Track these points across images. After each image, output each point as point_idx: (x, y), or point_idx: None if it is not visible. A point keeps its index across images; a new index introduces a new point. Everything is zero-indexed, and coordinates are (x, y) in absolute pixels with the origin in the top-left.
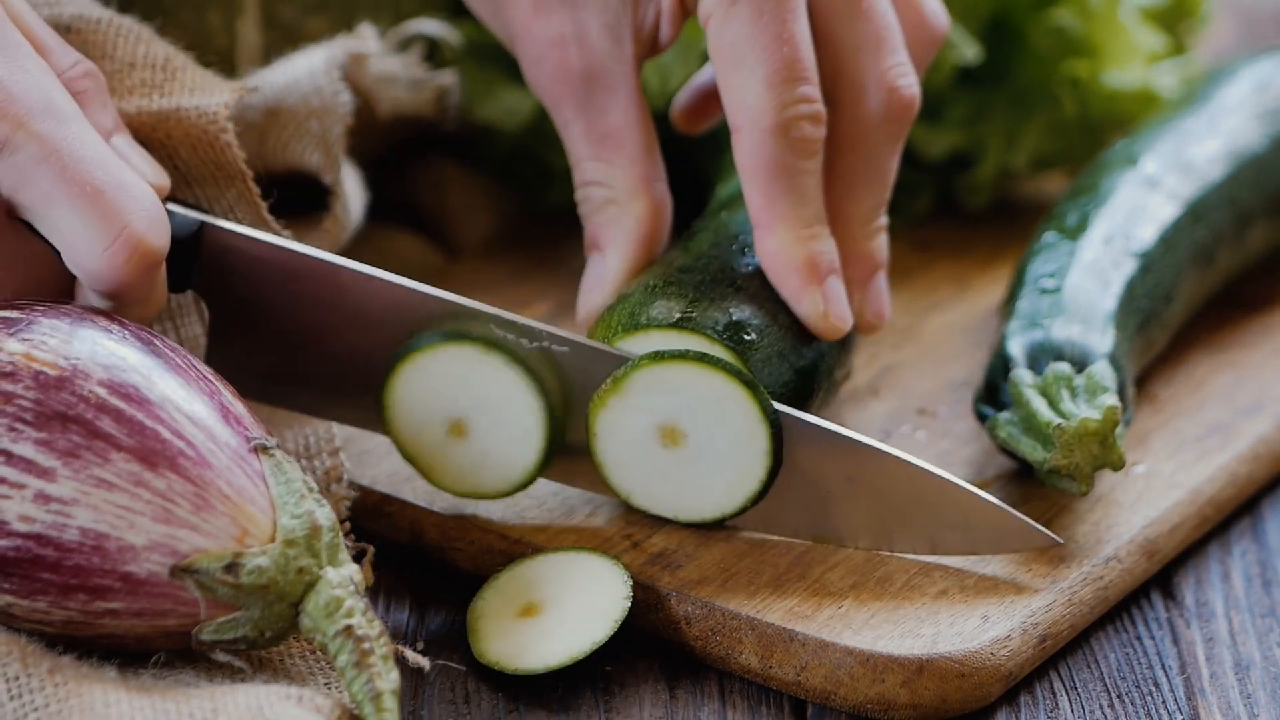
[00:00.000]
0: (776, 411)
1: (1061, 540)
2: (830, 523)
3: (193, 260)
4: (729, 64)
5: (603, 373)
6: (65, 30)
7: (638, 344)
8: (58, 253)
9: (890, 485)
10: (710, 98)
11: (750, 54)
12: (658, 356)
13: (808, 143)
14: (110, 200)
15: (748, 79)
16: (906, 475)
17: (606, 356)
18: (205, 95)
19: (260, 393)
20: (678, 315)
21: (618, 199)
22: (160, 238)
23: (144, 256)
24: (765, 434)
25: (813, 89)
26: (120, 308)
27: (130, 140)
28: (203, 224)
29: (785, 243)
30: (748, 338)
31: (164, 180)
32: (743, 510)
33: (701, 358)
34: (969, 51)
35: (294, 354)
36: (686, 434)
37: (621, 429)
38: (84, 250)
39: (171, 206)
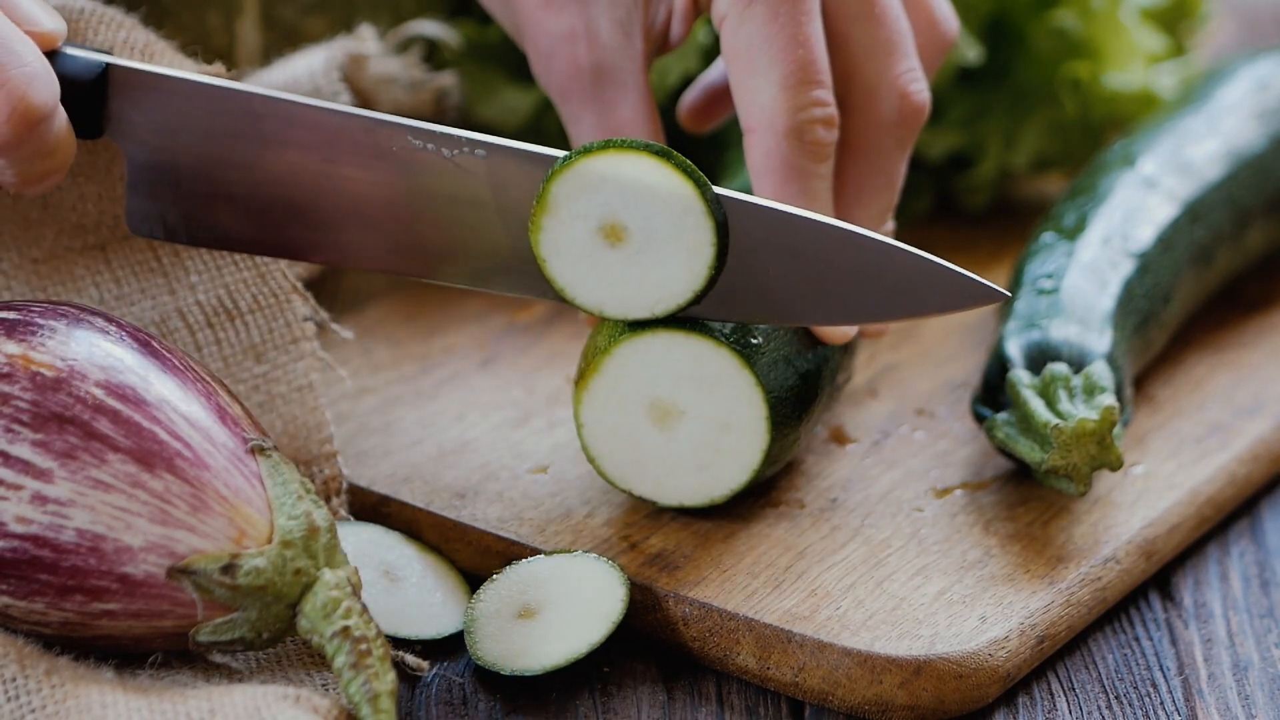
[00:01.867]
0: (718, 198)
1: (1008, 294)
2: (775, 300)
3: (102, 104)
4: (743, 66)
5: (528, 174)
6: None
7: (642, 343)
8: None
9: (831, 256)
10: (718, 98)
11: (765, 56)
12: (586, 150)
13: (820, 146)
14: None
15: (762, 81)
16: (846, 242)
17: (532, 156)
18: None
19: (184, 235)
20: (682, 321)
21: None
22: (42, 92)
23: (25, 113)
24: (709, 225)
25: (827, 92)
26: (19, 165)
27: None
28: (108, 65)
29: None
30: (754, 341)
31: (58, 26)
32: (699, 297)
33: (627, 144)
34: (970, 52)
35: (216, 192)
36: (628, 228)
37: (565, 236)
38: None
39: (72, 49)
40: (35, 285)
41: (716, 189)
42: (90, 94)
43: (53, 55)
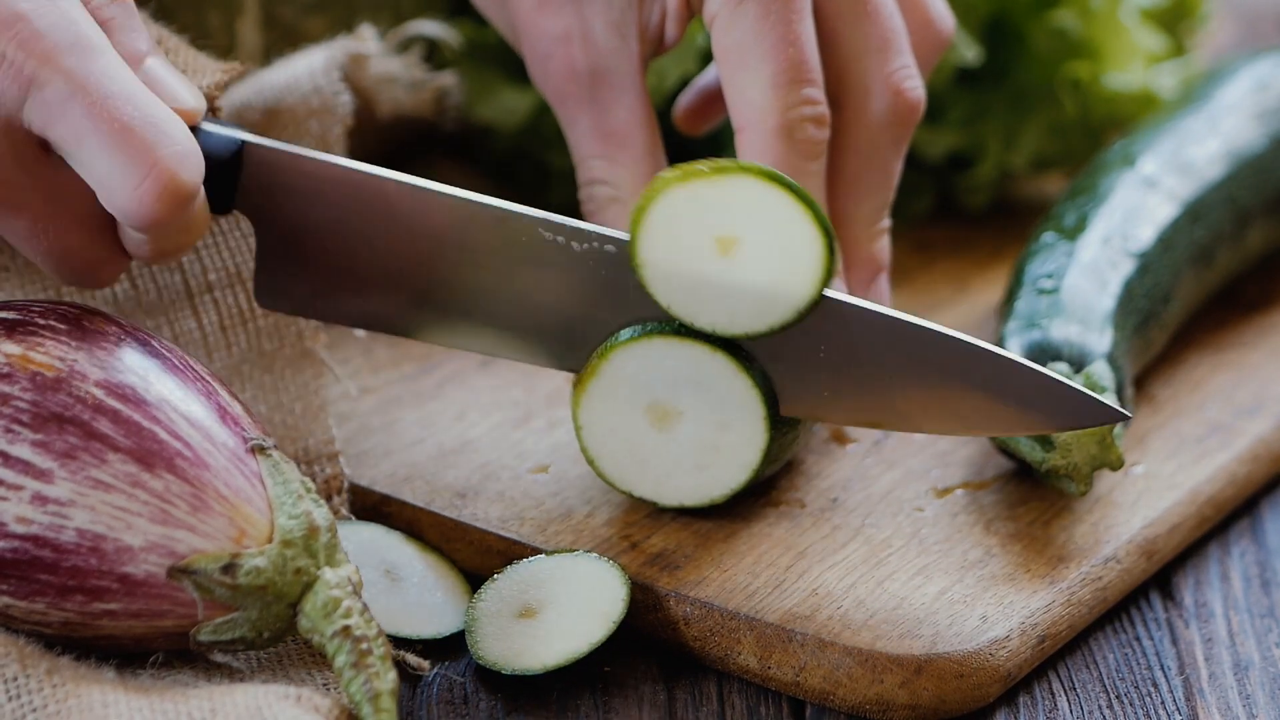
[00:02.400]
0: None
1: (1129, 415)
2: (896, 409)
3: (234, 180)
4: (734, 64)
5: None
6: None
7: (639, 347)
8: None
9: (952, 367)
10: (713, 99)
11: (755, 54)
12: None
13: (811, 144)
14: (139, 137)
15: (752, 79)
16: (971, 356)
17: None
18: (196, 77)
19: (311, 310)
20: (675, 329)
21: (622, 197)
22: (192, 172)
23: (175, 192)
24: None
25: (817, 91)
26: (159, 240)
27: (164, 62)
28: (244, 143)
29: None
30: (745, 351)
31: (200, 103)
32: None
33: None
34: (969, 53)
35: (342, 270)
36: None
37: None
38: (115, 188)
39: (210, 126)
40: (49, 288)
41: (839, 296)
42: (225, 170)
43: (194, 131)
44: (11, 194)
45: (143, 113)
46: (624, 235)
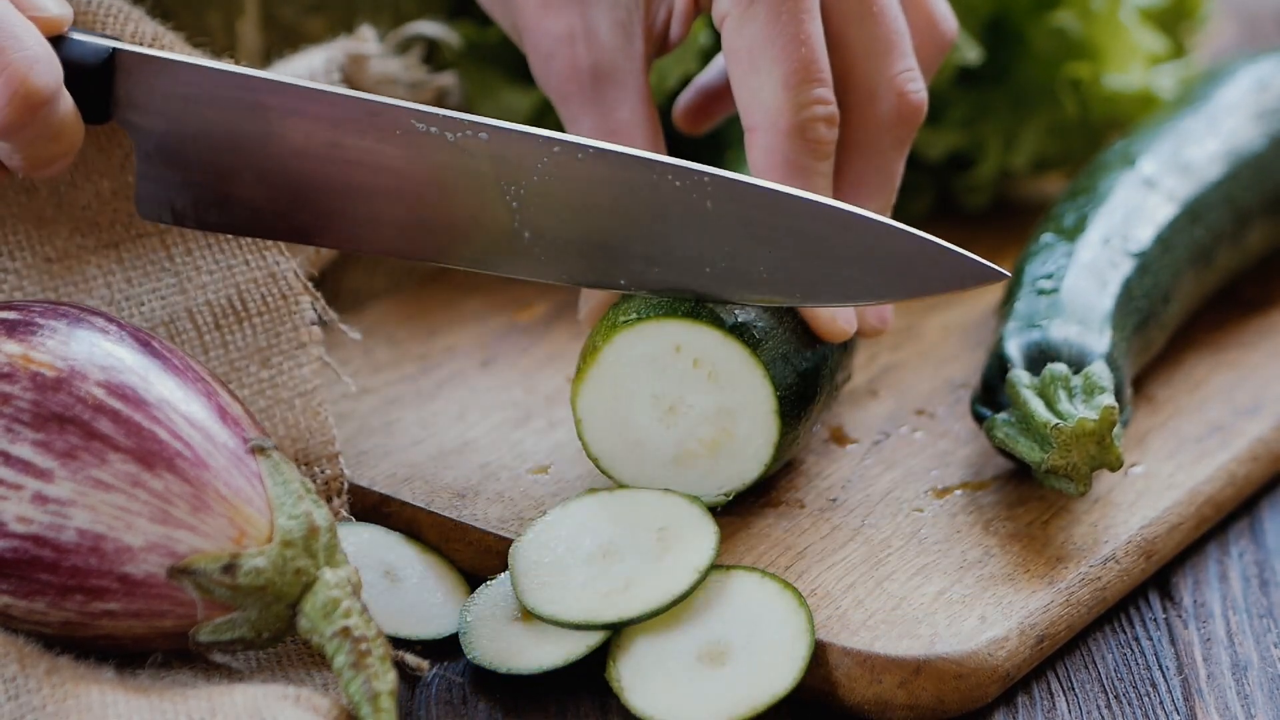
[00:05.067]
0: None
1: (1007, 274)
2: (775, 281)
3: (108, 89)
4: (746, 65)
5: (534, 155)
6: None
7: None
8: None
9: (831, 237)
10: (713, 98)
11: (768, 55)
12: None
13: (822, 144)
14: None
15: (764, 80)
16: (845, 224)
17: (535, 140)
18: None
19: (193, 219)
20: (685, 308)
21: None
22: (43, 76)
23: (26, 96)
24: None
25: (828, 90)
26: (25, 148)
27: None
28: (115, 50)
29: None
30: (755, 334)
31: (64, 11)
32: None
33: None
34: (970, 53)
35: (223, 175)
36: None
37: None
38: None
39: (79, 34)
40: (47, 285)
41: (717, 172)
42: (97, 79)
43: (59, 41)
44: None
45: None
46: (498, 122)
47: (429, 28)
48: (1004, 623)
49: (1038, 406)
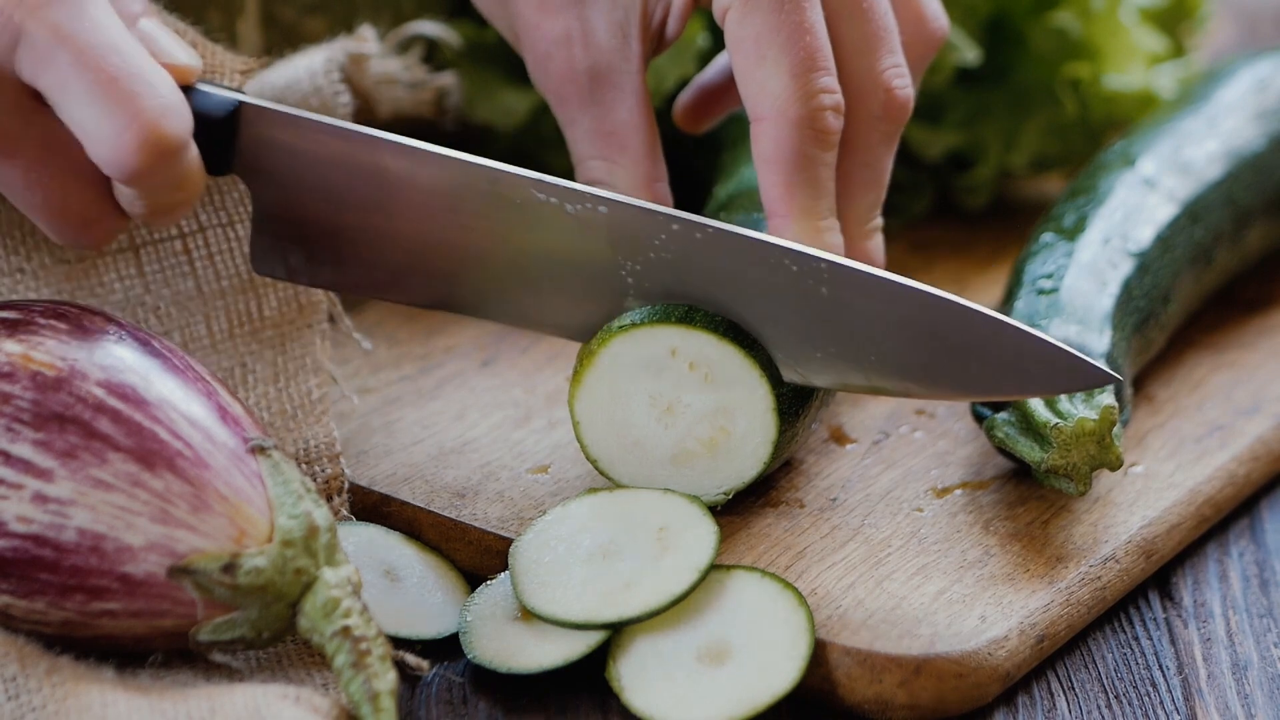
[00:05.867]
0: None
1: (1119, 377)
2: (886, 372)
3: (231, 141)
4: (751, 55)
5: (652, 231)
6: None
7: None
8: None
9: (940, 329)
10: (714, 97)
11: (774, 44)
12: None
13: (829, 134)
14: (123, 87)
15: (771, 70)
16: (959, 316)
17: (654, 216)
18: (214, 76)
19: (307, 276)
20: (679, 313)
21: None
22: (175, 124)
23: (157, 143)
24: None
25: (834, 79)
26: (150, 195)
27: (158, 23)
28: (240, 103)
29: (802, 233)
30: (748, 341)
31: (194, 62)
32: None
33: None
34: (970, 54)
35: (341, 233)
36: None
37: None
38: (99, 139)
39: (206, 87)
40: (63, 288)
41: (835, 259)
42: (221, 131)
43: (187, 91)
44: (5, 142)
45: (128, 64)
46: (616, 196)
47: (429, 27)
48: (1004, 622)
49: (1037, 406)
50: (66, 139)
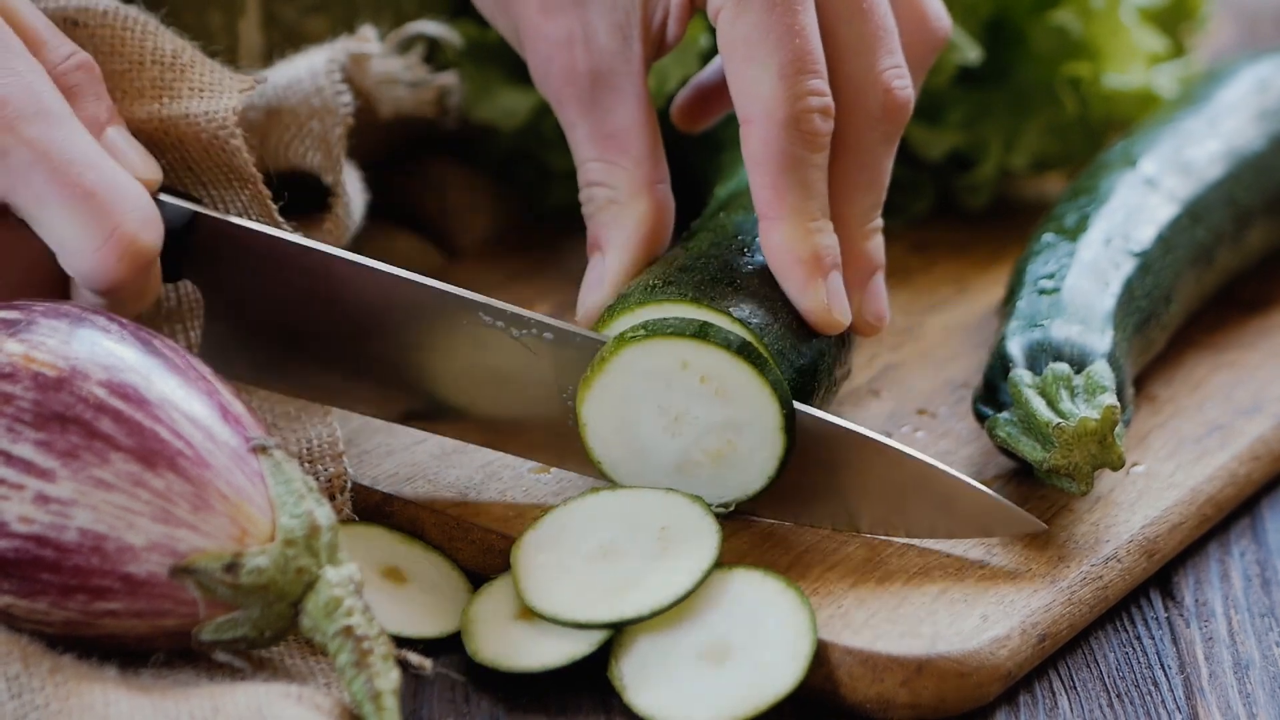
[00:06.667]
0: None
1: (1046, 526)
2: (841, 512)
3: (185, 249)
4: (741, 56)
5: (592, 354)
6: (71, 24)
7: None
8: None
9: (892, 475)
10: (711, 96)
11: (763, 46)
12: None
13: (818, 136)
14: (101, 201)
15: (760, 71)
16: (905, 466)
17: (592, 343)
18: (213, 98)
19: (256, 379)
20: (694, 328)
21: (620, 200)
22: (151, 236)
23: (136, 255)
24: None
25: (823, 82)
26: (115, 303)
27: (124, 132)
28: (195, 214)
29: (791, 235)
30: (760, 359)
31: (155, 173)
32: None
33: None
34: (970, 53)
35: (289, 341)
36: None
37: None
38: (77, 251)
39: (163, 197)
40: None
41: (803, 409)
42: (176, 240)
43: None
44: None
45: (105, 178)
46: (562, 324)
47: (430, 27)
48: (1006, 621)
49: (1040, 406)
50: (28, 251)
